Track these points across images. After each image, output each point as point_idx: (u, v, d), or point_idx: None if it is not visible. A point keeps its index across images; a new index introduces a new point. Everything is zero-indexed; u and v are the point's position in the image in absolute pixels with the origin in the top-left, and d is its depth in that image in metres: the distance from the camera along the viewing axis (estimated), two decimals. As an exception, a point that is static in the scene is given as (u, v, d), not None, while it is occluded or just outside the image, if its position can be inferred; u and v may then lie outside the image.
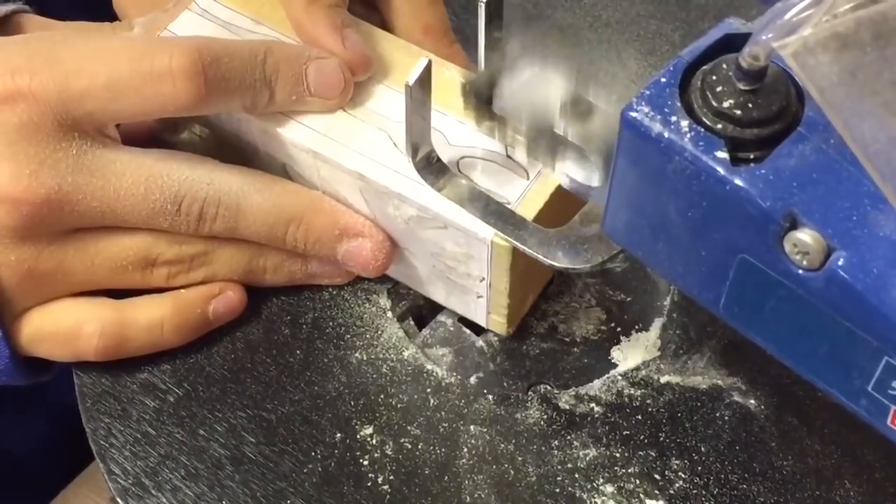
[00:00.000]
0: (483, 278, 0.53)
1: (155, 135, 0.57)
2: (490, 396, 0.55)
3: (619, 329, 0.58)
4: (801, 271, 0.38)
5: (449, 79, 0.55)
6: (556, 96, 0.52)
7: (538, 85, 0.52)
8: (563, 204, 0.52)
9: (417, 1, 0.59)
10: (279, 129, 0.54)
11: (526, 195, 0.52)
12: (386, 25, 0.59)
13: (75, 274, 0.53)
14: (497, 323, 0.56)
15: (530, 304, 0.57)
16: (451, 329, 0.58)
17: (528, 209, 0.51)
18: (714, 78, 0.39)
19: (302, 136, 0.54)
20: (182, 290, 0.55)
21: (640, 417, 0.54)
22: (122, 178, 0.52)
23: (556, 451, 0.53)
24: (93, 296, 0.54)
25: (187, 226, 0.53)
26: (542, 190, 0.52)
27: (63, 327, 0.54)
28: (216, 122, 0.57)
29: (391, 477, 0.52)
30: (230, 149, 0.57)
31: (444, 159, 0.53)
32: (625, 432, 0.54)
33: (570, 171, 0.53)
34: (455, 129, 0.54)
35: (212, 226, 0.53)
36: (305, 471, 0.52)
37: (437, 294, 0.57)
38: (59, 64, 0.50)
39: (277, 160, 0.56)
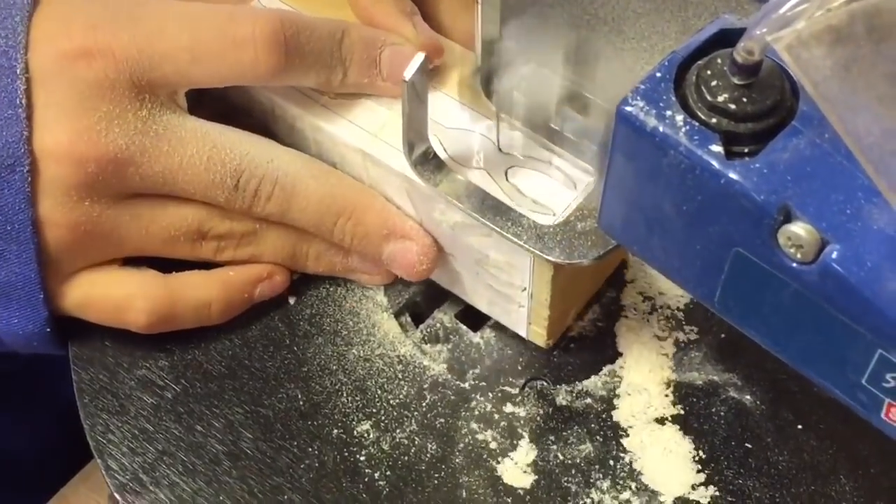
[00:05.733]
0: (525, 288, 0.53)
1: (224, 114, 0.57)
2: (486, 392, 0.55)
3: (614, 325, 0.58)
4: (795, 264, 0.38)
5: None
6: (552, 91, 0.52)
7: (535, 80, 0.52)
8: None
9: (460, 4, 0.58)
10: (330, 128, 0.54)
11: (572, 207, 0.51)
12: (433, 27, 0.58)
13: (129, 240, 0.53)
14: (537, 334, 0.55)
15: (572, 318, 0.57)
16: (448, 325, 0.58)
17: None
18: (709, 73, 0.39)
19: (352, 135, 0.54)
20: (231, 272, 0.55)
21: (636, 413, 0.54)
22: (186, 146, 0.52)
23: (552, 447, 0.53)
24: (138, 264, 0.55)
25: (242, 202, 0.53)
26: (588, 205, 0.51)
27: (112, 299, 0.54)
28: (271, 117, 0.57)
29: (388, 472, 0.52)
30: (284, 143, 0.56)
31: (492, 166, 0.53)
32: (621, 428, 0.54)
33: (565, 166, 0.53)
34: (507, 136, 0.54)
35: (265, 205, 0.53)
36: (302, 466, 0.52)
37: (480, 301, 0.56)
38: (141, 23, 0.51)
39: (328, 158, 0.56)
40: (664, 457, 0.53)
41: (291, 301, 0.58)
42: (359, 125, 0.54)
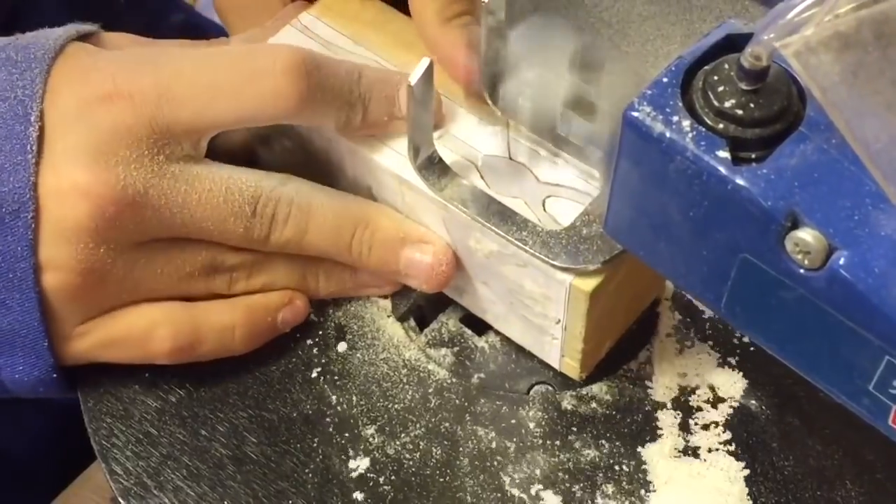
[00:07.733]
0: (559, 320, 0.52)
1: (248, 147, 0.57)
2: (491, 397, 0.55)
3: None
4: (802, 271, 0.38)
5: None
6: (557, 96, 0.52)
7: (540, 85, 0.52)
8: None
9: None
10: (366, 151, 0.54)
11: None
12: None
13: (143, 282, 0.52)
14: (570, 367, 0.54)
15: (606, 351, 0.56)
16: (453, 329, 0.58)
17: None
18: (716, 78, 0.39)
19: (388, 159, 0.54)
20: (253, 298, 0.55)
21: (641, 418, 0.54)
22: (203, 181, 0.51)
23: (557, 452, 0.53)
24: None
25: (260, 228, 0.52)
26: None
27: (135, 331, 0.53)
28: (307, 140, 0.57)
29: (392, 477, 0.52)
30: (318, 170, 0.56)
31: (529, 195, 0.53)
32: (626, 433, 0.54)
33: (571, 172, 0.52)
34: (545, 166, 0.54)
35: (283, 229, 0.53)
36: (307, 471, 0.52)
37: (512, 331, 0.56)
38: (161, 69, 0.51)
39: (363, 183, 0.56)
40: (671, 463, 0.53)
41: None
42: (396, 149, 0.54)
